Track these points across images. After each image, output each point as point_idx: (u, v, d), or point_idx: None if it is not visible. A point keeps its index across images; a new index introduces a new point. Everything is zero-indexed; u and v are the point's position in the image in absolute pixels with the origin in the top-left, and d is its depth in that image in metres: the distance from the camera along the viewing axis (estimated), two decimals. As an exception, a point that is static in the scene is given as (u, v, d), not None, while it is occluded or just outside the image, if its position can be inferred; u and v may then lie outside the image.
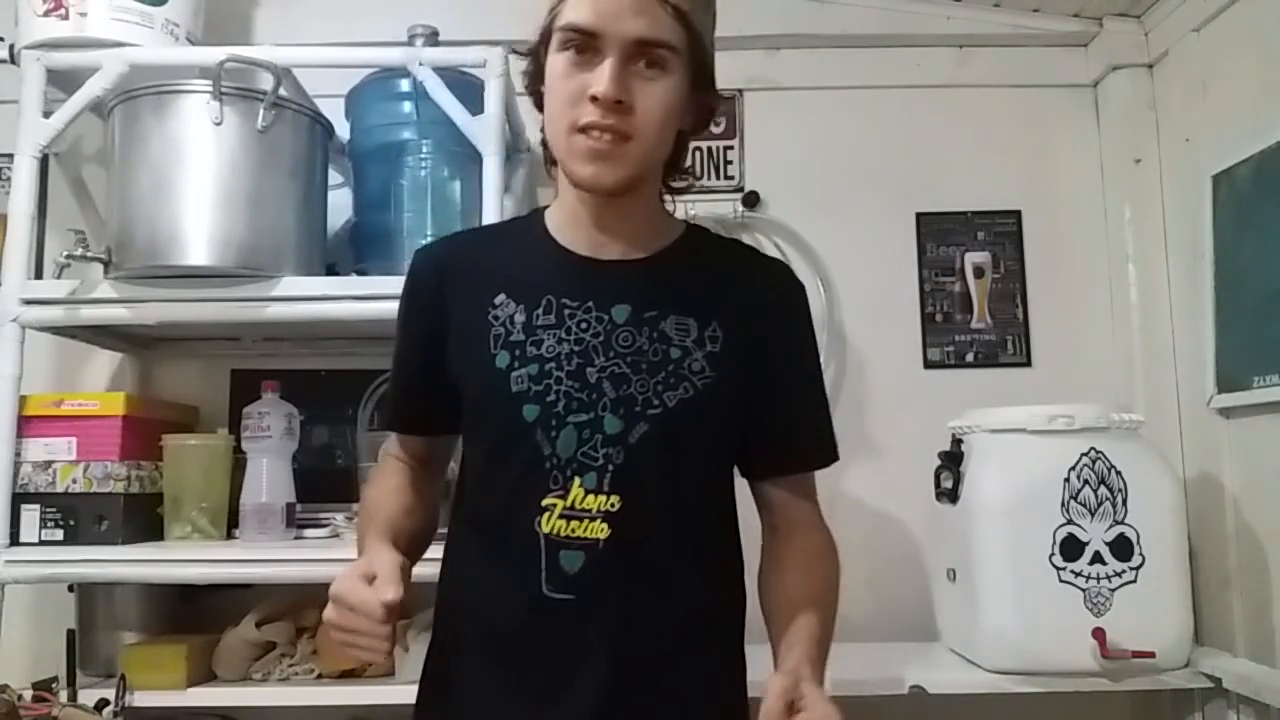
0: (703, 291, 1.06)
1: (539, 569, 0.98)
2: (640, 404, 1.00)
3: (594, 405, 0.99)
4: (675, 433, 1.01)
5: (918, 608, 1.90)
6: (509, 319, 1.03)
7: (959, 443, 1.77)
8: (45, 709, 1.48)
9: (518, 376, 1.00)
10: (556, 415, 0.99)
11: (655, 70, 0.97)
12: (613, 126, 0.95)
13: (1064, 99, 2.16)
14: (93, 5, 1.73)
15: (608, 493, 0.98)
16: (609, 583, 0.98)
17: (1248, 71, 1.73)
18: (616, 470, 0.98)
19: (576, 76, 0.96)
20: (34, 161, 1.67)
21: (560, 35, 0.97)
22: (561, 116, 0.98)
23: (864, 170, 2.15)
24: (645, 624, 1.01)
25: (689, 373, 1.02)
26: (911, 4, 2.14)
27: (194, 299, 1.64)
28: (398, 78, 1.81)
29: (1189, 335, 1.89)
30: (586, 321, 1.02)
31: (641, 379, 1.00)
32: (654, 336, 1.02)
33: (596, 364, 1.00)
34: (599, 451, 0.99)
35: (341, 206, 1.91)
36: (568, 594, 0.98)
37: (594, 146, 0.96)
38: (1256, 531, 1.70)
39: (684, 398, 1.01)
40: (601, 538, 0.98)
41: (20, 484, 1.65)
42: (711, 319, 1.04)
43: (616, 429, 0.99)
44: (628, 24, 0.94)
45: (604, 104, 0.94)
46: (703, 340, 1.03)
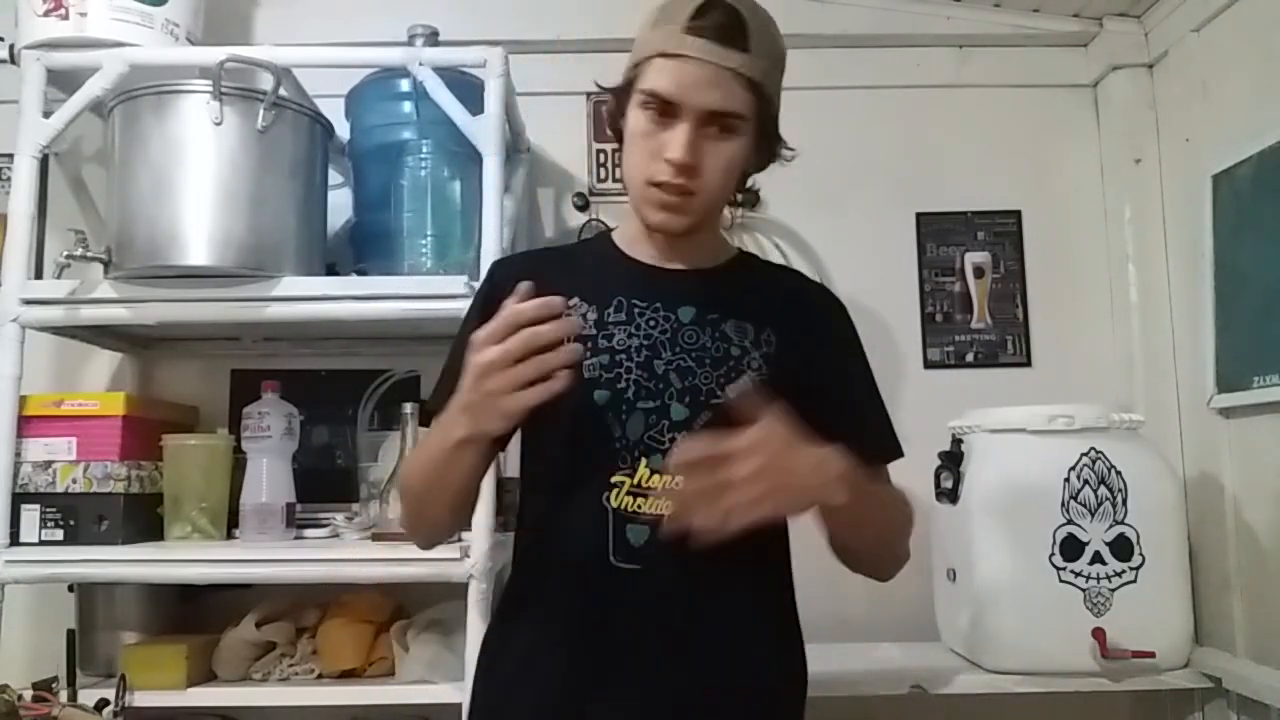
0: (758, 302, 1.17)
1: (607, 540, 1.07)
2: (705, 394, 1.10)
3: (661, 394, 1.09)
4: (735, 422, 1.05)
5: (918, 608, 1.90)
6: (582, 316, 1.12)
7: (959, 443, 1.77)
8: (45, 709, 1.48)
9: (590, 365, 1.09)
10: (626, 401, 1.09)
11: (725, 135, 1.08)
12: (681, 186, 1.08)
13: (1064, 99, 2.16)
14: (93, 5, 1.73)
15: (673, 473, 1.03)
16: (672, 555, 1.03)
17: (1248, 71, 1.73)
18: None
19: (655, 136, 1.07)
20: (34, 161, 1.67)
21: (642, 97, 1.08)
22: (639, 169, 1.10)
23: (864, 170, 2.15)
24: (709, 598, 1.08)
25: (748, 369, 1.12)
26: (911, 4, 2.14)
27: (194, 299, 1.64)
28: (398, 78, 1.81)
29: (1189, 335, 1.89)
30: (655, 320, 1.13)
31: (705, 372, 1.10)
32: (716, 335, 1.12)
33: (664, 357, 1.11)
34: (665, 436, 1.08)
35: (341, 206, 1.91)
36: (634, 564, 1.06)
37: (664, 200, 1.09)
38: (1256, 531, 1.70)
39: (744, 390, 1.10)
40: (665, 514, 1.03)
41: (20, 484, 1.65)
42: (766, 326, 1.14)
43: (683, 415, 1.09)
44: (703, 96, 1.05)
45: (674, 167, 1.06)
46: (759, 342, 1.13)
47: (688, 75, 1.05)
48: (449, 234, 1.73)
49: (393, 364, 2.04)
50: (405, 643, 1.67)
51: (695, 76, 1.05)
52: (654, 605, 1.07)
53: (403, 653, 1.66)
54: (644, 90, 1.07)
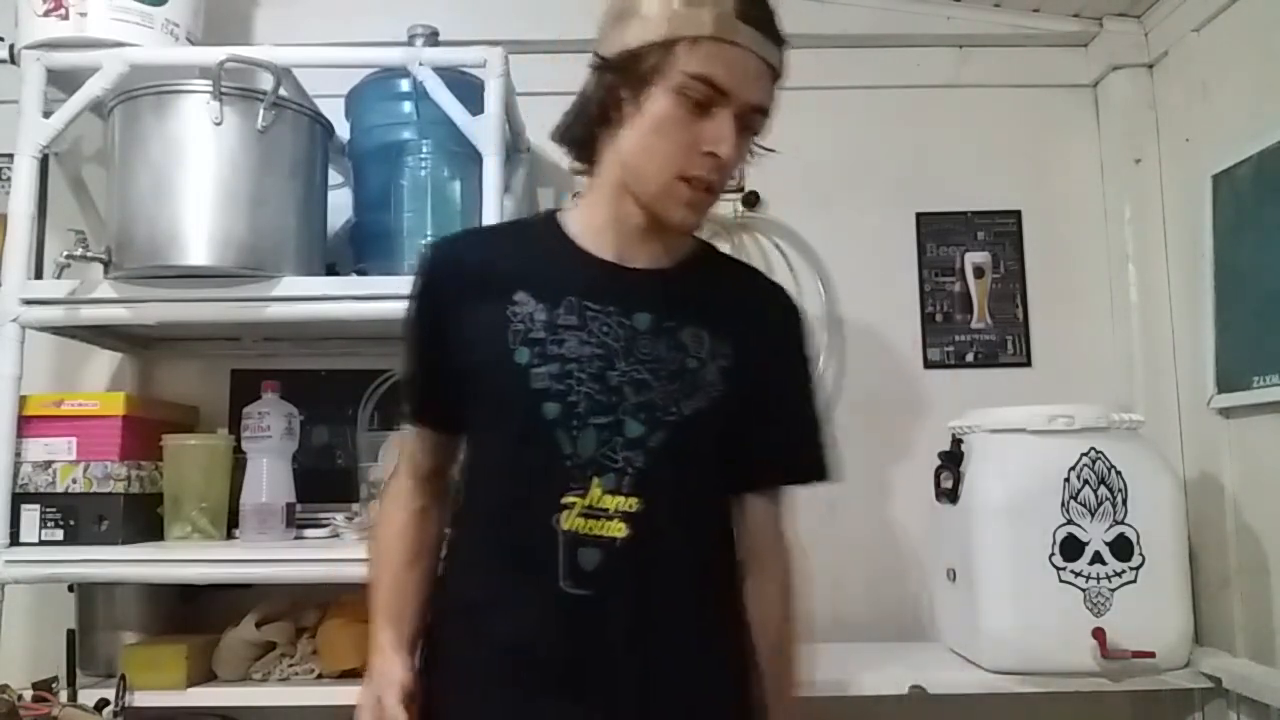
0: (716, 307, 1.09)
1: (556, 565, 1.00)
2: (660, 410, 1.02)
3: (614, 408, 1.01)
4: (692, 440, 1.04)
5: (918, 608, 1.90)
6: (529, 316, 1.04)
7: (959, 443, 1.77)
8: (45, 709, 1.48)
9: (539, 374, 1.02)
10: (578, 415, 1.01)
11: (748, 132, 1.04)
12: (712, 183, 1.02)
13: (1064, 99, 2.16)
14: (93, 5, 1.73)
15: (627, 494, 1.00)
16: (626, 580, 1.00)
17: (1248, 71, 1.73)
18: (637, 473, 1.01)
19: (693, 125, 1.00)
20: (34, 161, 1.67)
21: (683, 80, 0.98)
22: (669, 160, 1.01)
23: (864, 170, 2.15)
24: (662, 622, 1.03)
25: (704, 383, 1.05)
26: (911, 4, 2.14)
27: (194, 299, 1.64)
28: (398, 78, 1.81)
29: (1189, 335, 1.89)
30: (609, 326, 1.04)
31: (661, 386, 1.03)
32: (672, 345, 1.05)
33: (618, 368, 1.03)
34: (619, 454, 1.01)
35: (341, 206, 1.91)
36: (586, 590, 1.00)
37: (693, 197, 1.02)
38: (1256, 531, 1.70)
39: (700, 407, 1.04)
40: (619, 536, 1.00)
41: (20, 484, 1.65)
42: (723, 334, 1.07)
43: (638, 433, 1.01)
44: (752, 90, 1.00)
45: (717, 163, 1.00)
46: (715, 354, 1.06)
47: (738, 65, 0.99)
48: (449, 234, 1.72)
49: (393, 364, 2.03)
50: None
51: (745, 67, 0.99)
52: (606, 634, 1.00)
53: (403, 653, 1.66)
54: (692, 74, 0.98)
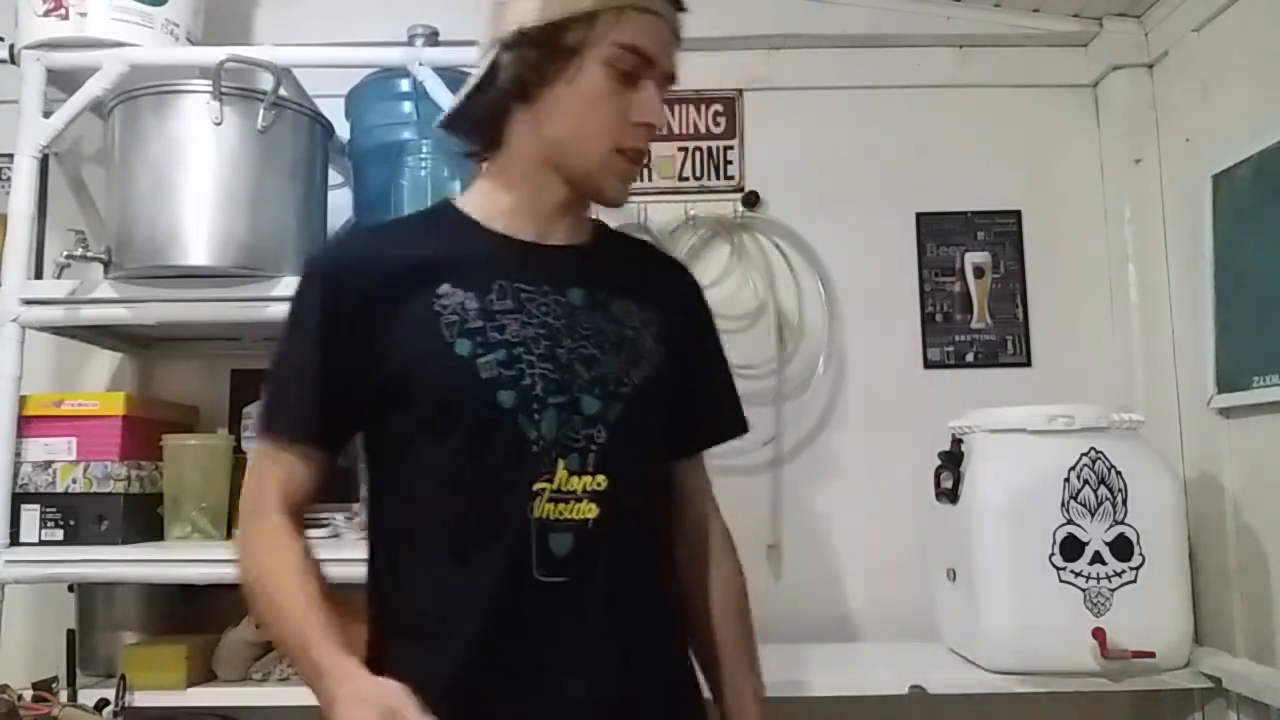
0: (635, 278, 1.11)
1: (529, 554, 0.97)
2: (613, 383, 1.02)
3: (569, 386, 0.99)
4: (646, 410, 1.04)
5: (918, 608, 1.90)
6: (460, 306, 0.99)
7: (959, 443, 1.77)
8: (45, 709, 1.48)
9: (485, 363, 0.98)
10: (536, 398, 0.98)
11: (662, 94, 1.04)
12: (643, 153, 1.03)
13: (1064, 99, 2.16)
14: (93, 5, 1.73)
15: (593, 472, 0.98)
16: (598, 561, 0.99)
17: (1248, 71, 1.73)
18: (600, 449, 0.99)
19: (622, 97, 1.00)
20: (34, 161, 1.67)
21: (613, 51, 0.98)
22: (606, 134, 1.00)
23: (864, 170, 2.15)
24: (634, 601, 1.02)
25: (645, 351, 1.05)
26: (911, 4, 2.14)
27: (194, 299, 1.64)
28: (398, 78, 1.81)
29: (1189, 335, 1.89)
30: (546, 305, 1.02)
31: (609, 358, 1.02)
32: (608, 318, 1.05)
33: (566, 345, 1.01)
34: (579, 432, 0.99)
35: (341, 206, 1.91)
36: (559, 576, 0.97)
37: (628, 169, 1.03)
38: (1256, 531, 1.70)
39: (647, 375, 1.04)
40: (590, 517, 0.98)
41: (20, 484, 1.65)
42: (646, 303, 1.09)
43: (595, 409, 1.00)
44: (669, 58, 1.02)
45: (652, 134, 1.01)
46: (646, 322, 1.07)
47: (659, 33, 1.00)
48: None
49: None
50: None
51: (664, 35, 1.01)
52: (582, 619, 0.98)
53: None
54: (622, 45, 0.98)
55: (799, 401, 2.06)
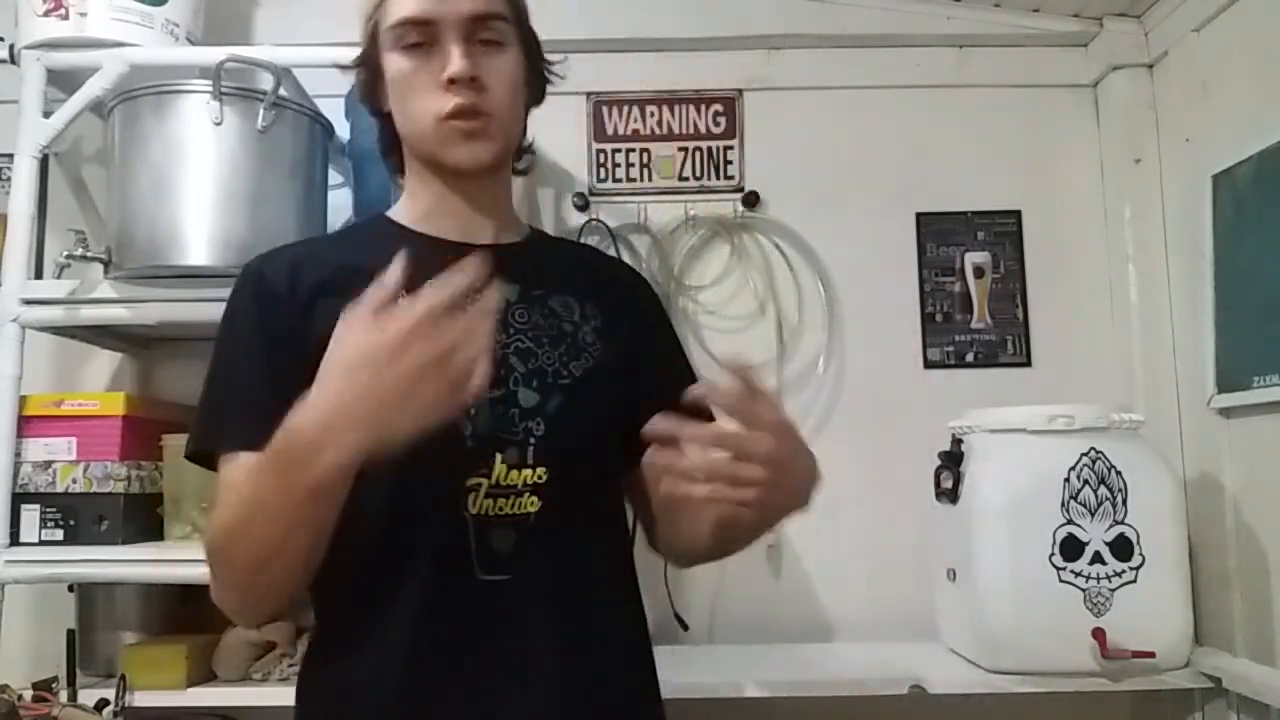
0: (573, 276, 1.09)
1: (469, 552, 0.94)
2: (551, 375, 1.00)
3: (505, 380, 0.98)
4: (587, 401, 1.02)
5: (918, 608, 1.90)
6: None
7: (959, 443, 1.77)
8: (45, 709, 1.48)
9: None
10: None
11: (494, 47, 1.00)
12: (476, 106, 0.98)
13: (1064, 99, 2.16)
14: (93, 5, 1.73)
15: (533, 465, 0.96)
16: (542, 557, 0.96)
17: (1248, 71, 1.73)
18: (539, 442, 0.97)
19: (424, 70, 0.98)
20: (34, 161, 1.67)
21: (394, 34, 0.99)
22: (423, 112, 0.99)
23: (864, 170, 2.15)
24: (583, 599, 0.99)
25: (584, 344, 1.04)
26: (911, 4, 2.14)
27: (194, 299, 1.64)
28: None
29: (1189, 335, 1.89)
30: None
31: (546, 351, 1.01)
32: (545, 313, 1.04)
33: (499, 340, 0.99)
34: (518, 425, 0.97)
35: (341, 206, 1.91)
36: (502, 574, 0.94)
37: (462, 127, 0.98)
38: (1256, 531, 1.70)
39: (587, 367, 1.03)
40: (532, 511, 0.96)
41: (20, 484, 1.65)
42: (585, 299, 1.07)
43: (533, 401, 0.98)
44: (457, 3, 0.98)
45: (461, 83, 0.96)
46: (586, 316, 1.06)
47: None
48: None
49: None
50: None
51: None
52: (527, 618, 0.95)
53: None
54: (393, 25, 0.99)
55: (799, 401, 2.06)
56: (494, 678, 0.95)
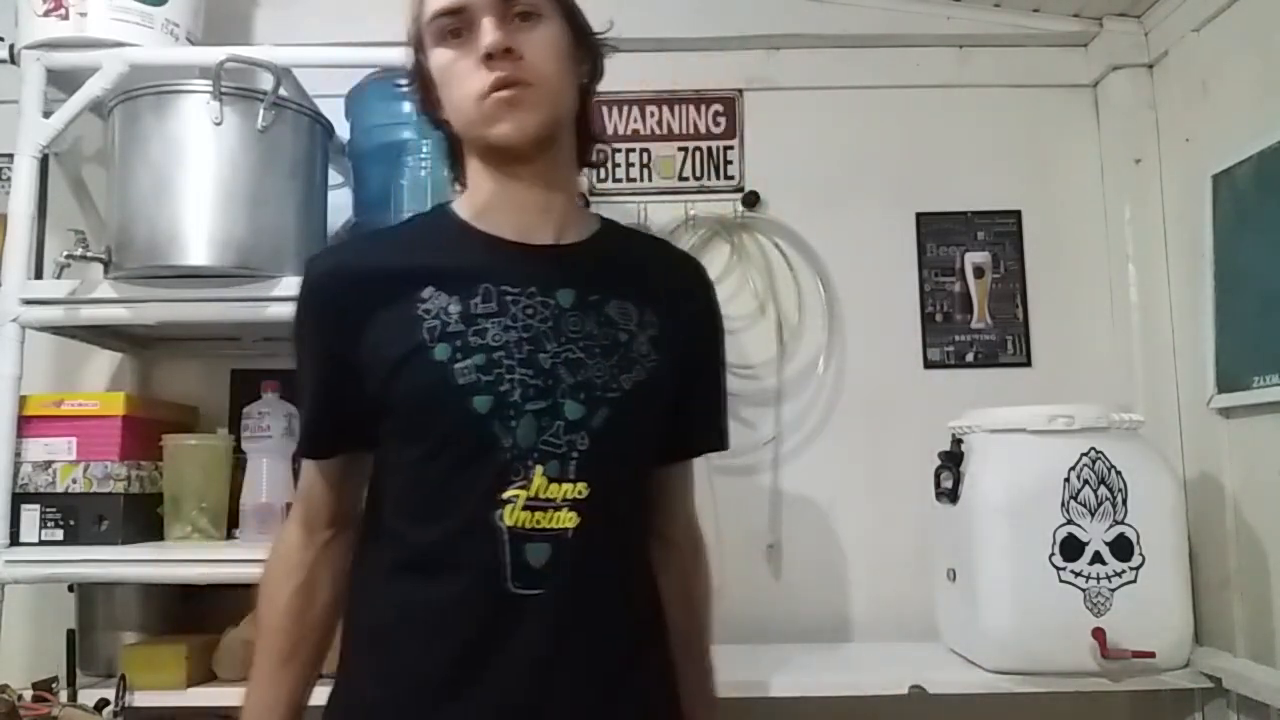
0: (635, 278, 1.06)
1: (503, 565, 0.94)
2: (600, 388, 0.98)
3: (551, 391, 0.96)
4: (634, 416, 1.01)
5: (918, 608, 1.90)
6: (442, 310, 0.98)
7: (959, 443, 1.77)
8: (45, 709, 1.48)
9: (462, 368, 0.95)
10: (513, 404, 0.95)
11: (530, 19, 0.99)
12: (512, 76, 0.96)
13: (1064, 99, 2.16)
14: (93, 5, 1.72)
15: (574, 480, 0.95)
16: (578, 573, 0.95)
17: (1248, 71, 1.73)
18: (583, 456, 0.96)
19: (463, 55, 0.98)
20: (34, 161, 1.67)
21: (432, 29, 1.01)
22: (465, 96, 0.99)
23: (864, 170, 2.15)
24: (615, 614, 1.00)
25: (638, 356, 1.02)
26: (911, 4, 2.14)
27: (194, 299, 1.64)
28: (398, 78, 1.80)
29: (1189, 335, 1.89)
30: (532, 307, 0.99)
31: (596, 363, 0.99)
32: (600, 320, 1.01)
33: (549, 349, 0.98)
34: (561, 438, 0.96)
35: (341, 206, 1.91)
36: (536, 589, 0.94)
37: (502, 98, 0.97)
38: (1256, 531, 1.70)
39: (638, 380, 1.01)
40: (570, 527, 0.95)
41: (20, 484, 1.65)
42: (646, 304, 1.05)
43: (578, 414, 0.97)
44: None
45: (497, 55, 0.96)
46: (643, 324, 1.04)
47: None
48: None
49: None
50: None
51: None
52: (560, 633, 0.95)
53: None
54: (429, 20, 1.00)
55: (799, 401, 2.06)
56: (521, 689, 0.95)
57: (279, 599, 1.06)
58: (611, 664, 0.99)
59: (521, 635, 0.94)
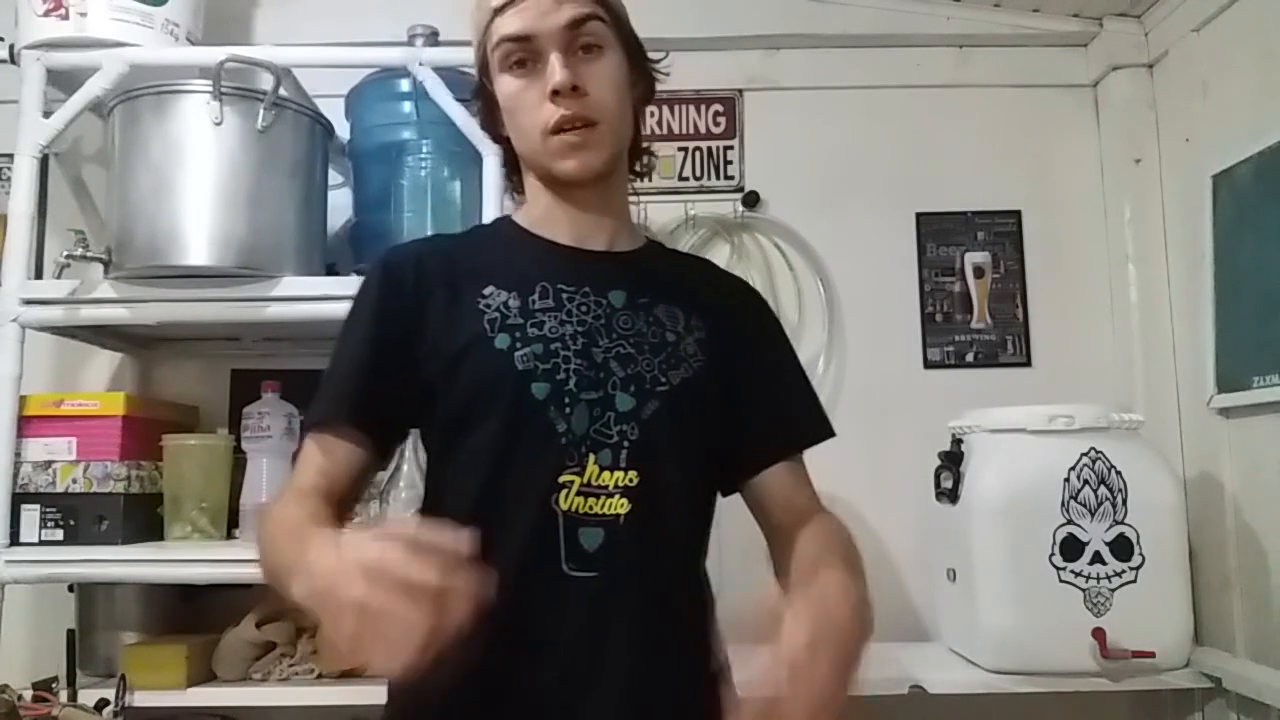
0: (683, 287, 1.11)
1: (558, 547, 0.97)
2: (649, 382, 1.02)
3: (603, 383, 1.01)
4: (683, 410, 1.03)
5: (918, 608, 1.90)
6: (503, 305, 1.03)
7: (959, 443, 1.77)
8: (45, 709, 1.48)
9: (522, 356, 1.00)
10: (569, 393, 1.00)
11: (594, 52, 1.03)
12: (579, 115, 1.01)
13: (1064, 99, 2.16)
14: (93, 5, 1.73)
15: (624, 468, 0.99)
16: (630, 559, 0.99)
17: (1248, 71, 1.73)
18: (633, 446, 1.00)
19: (530, 86, 1.02)
20: (34, 161, 1.67)
21: (499, 55, 1.03)
22: (532, 126, 1.03)
23: (864, 170, 2.15)
24: (664, 601, 1.02)
25: (685, 354, 1.06)
26: (911, 4, 2.14)
27: (194, 299, 1.64)
28: (398, 78, 1.81)
29: (1189, 335, 1.89)
30: (586, 305, 1.05)
31: (646, 358, 1.03)
32: (650, 320, 1.06)
33: (602, 344, 1.03)
34: (612, 428, 1.00)
35: (341, 206, 1.91)
36: (589, 571, 0.98)
37: (569, 140, 1.01)
38: (1256, 531, 1.70)
39: (686, 377, 1.04)
40: (622, 513, 0.98)
41: (20, 484, 1.65)
42: (693, 311, 1.09)
43: (629, 406, 1.01)
44: (554, 16, 1.01)
45: (564, 93, 0.99)
46: (690, 328, 1.08)
47: (529, 8, 1.01)
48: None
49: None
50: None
51: (539, 5, 1.01)
52: (610, 614, 0.98)
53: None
54: (496, 45, 1.03)
55: (799, 401, 2.06)
56: (571, 671, 0.97)
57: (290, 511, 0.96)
58: (660, 648, 1.00)
59: (575, 614, 0.98)
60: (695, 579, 1.09)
